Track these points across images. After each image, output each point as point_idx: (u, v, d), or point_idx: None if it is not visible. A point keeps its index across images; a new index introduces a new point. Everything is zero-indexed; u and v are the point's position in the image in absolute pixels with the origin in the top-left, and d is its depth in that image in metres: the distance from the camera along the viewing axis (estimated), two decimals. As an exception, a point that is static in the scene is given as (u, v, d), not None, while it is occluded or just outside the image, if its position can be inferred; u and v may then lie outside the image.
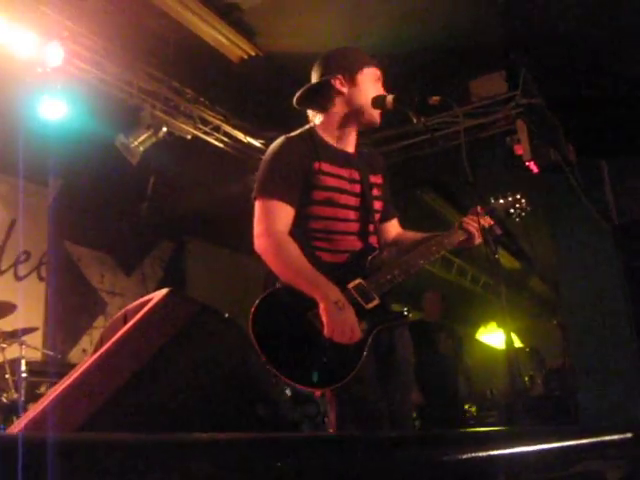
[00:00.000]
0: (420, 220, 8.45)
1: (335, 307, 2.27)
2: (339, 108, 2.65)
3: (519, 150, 5.56)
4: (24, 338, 4.63)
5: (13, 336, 4.41)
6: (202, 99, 5.69)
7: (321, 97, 2.67)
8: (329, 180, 2.55)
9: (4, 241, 6.00)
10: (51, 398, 1.18)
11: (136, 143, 5.29)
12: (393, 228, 2.88)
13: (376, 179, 2.72)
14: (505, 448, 1.10)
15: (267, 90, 5.82)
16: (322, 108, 2.67)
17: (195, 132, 5.67)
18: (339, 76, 2.63)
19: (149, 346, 1.15)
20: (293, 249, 2.41)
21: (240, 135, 6.04)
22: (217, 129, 5.86)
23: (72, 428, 1.10)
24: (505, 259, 9.21)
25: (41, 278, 6.18)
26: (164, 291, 1.23)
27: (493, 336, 11.47)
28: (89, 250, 6.45)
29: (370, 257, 2.53)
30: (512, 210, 2.87)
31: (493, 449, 1.06)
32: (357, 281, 2.42)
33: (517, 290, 11.07)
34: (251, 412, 1.18)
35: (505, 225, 2.58)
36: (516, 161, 5.55)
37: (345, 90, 2.63)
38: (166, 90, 5.40)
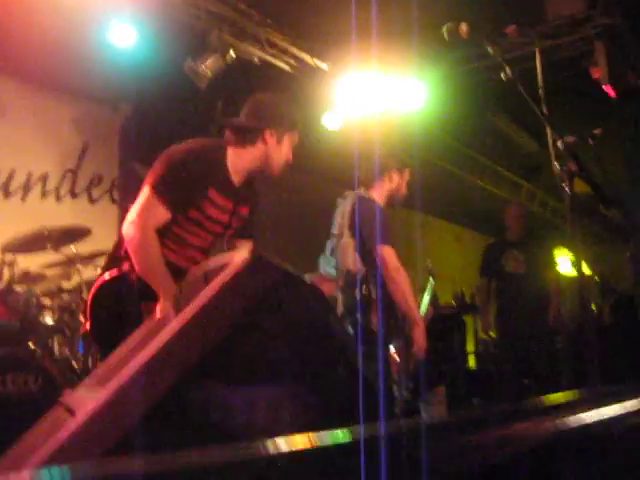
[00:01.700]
0: (493, 146, 8.26)
1: (169, 302, 2.45)
2: (254, 153, 2.82)
3: (596, 73, 5.32)
4: (99, 260, 4.77)
5: (89, 258, 4.52)
6: (269, 21, 5.60)
7: (245, 133, 2.82)
8: (210, 209, 2.74)
9: (77, 165, 6.13)
10: (134, 364, 1.22)
11: (204, 67, 5.26)
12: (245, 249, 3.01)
13: (244, 210, 2.93)
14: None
15: (333, 10, 5.69)
16: (240, 142, 2.82)
17: (262, 55, 5.61)
18: (272, 129, 2.80)
19: (233, 313, 1.18)
20: (155, 248, 2.62)
21: (307, 57, 5.96)
22: (284, 51, 5.79)
23: (158, 396, 1.14)
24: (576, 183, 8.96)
25: (113, 201, 6.34)
26: (245, 254, 1.24)
27: (562, 262, 11.29)
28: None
29: None
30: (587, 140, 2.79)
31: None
32: None
33: (587, 215, 10.78)
34: (333, 372, 1.21)
35: (579, 159, 2.50)
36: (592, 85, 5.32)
37: (271, 144, 2.82)
38: (233, 13, 5.33)
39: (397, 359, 3.47)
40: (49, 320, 4.14)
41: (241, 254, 1.27)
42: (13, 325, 3.90)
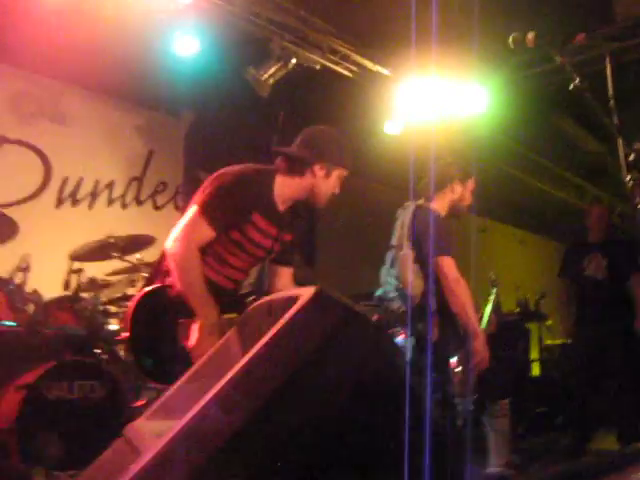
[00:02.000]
0: (557, 149, 8.09)
1: (208, 329, 2.58)
2: (302, 184, 2.88)
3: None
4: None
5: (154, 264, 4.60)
6: (330, 28, 5.60)
7: (295, 164, 2.88)
8: (252, 232, 2.81)
9: (142, 172, 6.26)
10: (198, 406, 1.22)
11: (266, 76, 5.31)
12: (285, 276, 3.12)
13: (287, 236, 2.99)
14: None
15: (393, 15, 5.66)
16: (290, 172, 2.88)
17: (324, 62, 5.62)
18: (322, 163, 2.85)
19: (297, 351, 1.17)
20: (197, 266, 2.69)
21: (369, 63, 5.94)
22: (346, 58, 5.78)
23: (221, 440, 1.14)
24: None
25: (177, 207, 6.44)
26: (312, 290, 1.24)
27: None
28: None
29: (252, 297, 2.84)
30: None
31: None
32: (232, 316, 2.68)
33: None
34: (400, 417, 1.19)
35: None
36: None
37: (319, 177, 2.86)
38: (294, 20, 5.36)
39: (458, 371, 3.42)
40: (115, 327, 4.23)
41: (309, 289, 1.27)
42: (80, 332, 4.00)
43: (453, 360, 3.45)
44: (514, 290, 7.56)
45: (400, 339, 3.67)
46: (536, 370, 7.94)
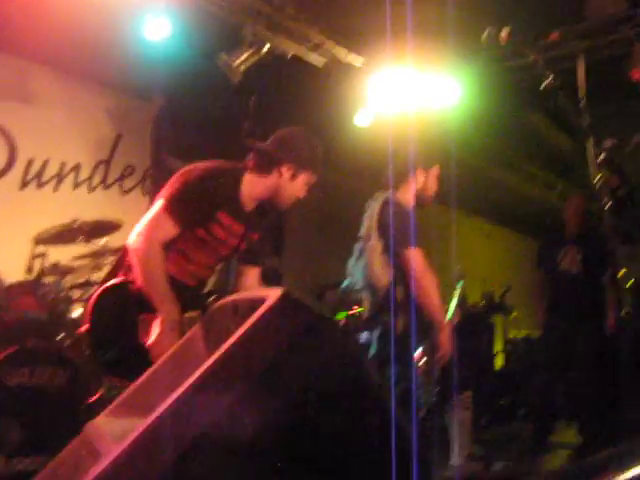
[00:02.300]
0: (528, 144, 8.13)
1: (169, 325, 2.54)
2: (267, 183, 2.87)
3: (636, 75, 5.20)
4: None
5: (119, 251, 4.53)
6: (304, 16, 5.56)
7: (264, 162, 2.87)
8: (217, 230, 2.80)
9: (110, 155, 6.17)
10: (162, 408, 1.20)
11: (238, 62, 5.25)
12: (251, 275, 3.10)
13: (254, 235, 3.00)
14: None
15: (368, 6, 5.64)
16: (258, 170, 2.87)
17: (297, 49, 5.57)
18: (290, 164, 2.83)
19: (263, 354, 1.16)
20: (159, 262, 2.66)
21: (342, 53, 5.90)
22: (319, 46, 5.74)
23: (186, 441, 1.13)
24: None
25: (145, 192, 6.37)
26: (279, 291, 1.22)
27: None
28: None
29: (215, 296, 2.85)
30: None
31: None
32: (193, 314, 2.67)
33: (617, 213, 10.59)
34: (365, 423, 1.19)
35: (622, 171, 2.44)
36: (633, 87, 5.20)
37: (285, 178, 2.85)
38: (267, 7, 5.31)
39: (422, 363, 3.44)
40: (78, 313, 4.17)
41: (276, 291, 1.26)
42: (42, 317, 3.93)
43: (417, 352, 3.47)
44: (480, 283, 7.64)
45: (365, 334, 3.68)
46: (500, 362, 8.04)
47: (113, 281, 2.79)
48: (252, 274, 3.10)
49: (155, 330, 2.57)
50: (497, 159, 8.58)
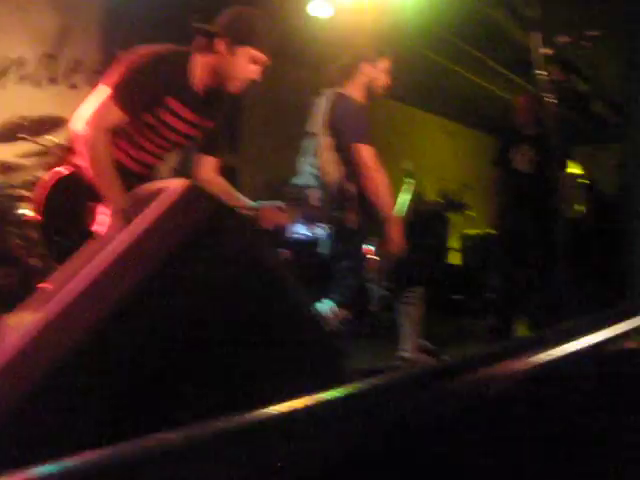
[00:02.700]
0: (488, 40, 7.96)
1: (117, 214, 2.47)
2: (206, 61, 2.75)
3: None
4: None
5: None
6: None
7: (204, 40, 2.74)
8: (166, 115, 2.72)
9: (57, 49, 5.92)
10: (60, 296, 1.17)
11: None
12: (208, 164, 3.06)
13: (208, 123, 2.91)
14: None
15: None
16: (201, 49, 2.74)
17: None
18: (224, 38, 2.70)
19: (164, 247, 1.12)
20: (106, 150, 2.59)
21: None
22: None
23: (80, 335, 1.10)
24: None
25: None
26: (184, 183, 1.18)
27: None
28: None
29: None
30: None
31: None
32: None
33: (579, 112, 10.61)
34: (267, 311, 1.17)
35: (568, 65, 2.40)
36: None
37: (221, 53, 2.72)
38: None
39: (373, 257, 3.46)
40: (27, 212, 4.09)
41: (176, 183, 1.21)
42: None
43: (368, 247, 3.49)
44: (439, 181, 7.66)
45: (319, 229, 3.68)
46: (456, 259, 8.17)
47: (63, 170, 2.76)
48: (208, 164, 3.06)
49: (101, 218, 2.54)
50: (460, 56, 8.43)
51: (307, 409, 0.73)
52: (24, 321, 1.28)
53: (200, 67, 2.75)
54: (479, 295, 6.97)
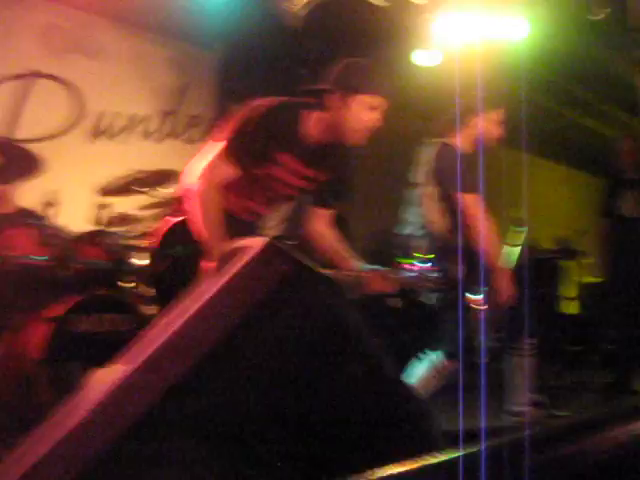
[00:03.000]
0: (603, 84, 7.75)
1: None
2: (318, 117, 2.72)
3: None
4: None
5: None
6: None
7: (318, 95, 2.73)
8: (280, 172, 2.73)
9: (177, 106, 6.23)
10: (139, 361, 1.21)
11: (298, 6, 5.18)
12: (321, 218, 3.00)
13: (322, 176, 2.86)
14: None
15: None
16: (315, 104, 2.73)
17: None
18: (334, 93, 2.67)
19: (240, 305, 1.14)
20: (216, 206, 2.62)
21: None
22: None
23: (158, 391, 1.13)
24: None
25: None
26: (261, 241, 1.19)
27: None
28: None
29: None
30: None
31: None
32: None
33: None
34: (347, 371, 1.16)
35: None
36: None
37: (335, 107, 2.69)
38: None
39: (479, 308, 3.38)
40: (143, 262, 4.27)
41: (255, 241, 1.23)
42: (108, 266, 4.05)
43: (476, 297, 3.41)
44: (554, 228, 7.43)
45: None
46: (574, 309, 7.85)
47: (174, 219, 2.82)
48: (321, 217, 3.01)
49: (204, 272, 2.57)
50: (572, 100, 8.24)
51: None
52: (111, 374, 1.32)
53: (314, 123, 2.73)
54: (597, 347, 6.66)
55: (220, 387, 1.15)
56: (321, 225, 3.01)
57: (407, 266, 5.83)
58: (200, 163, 2.71)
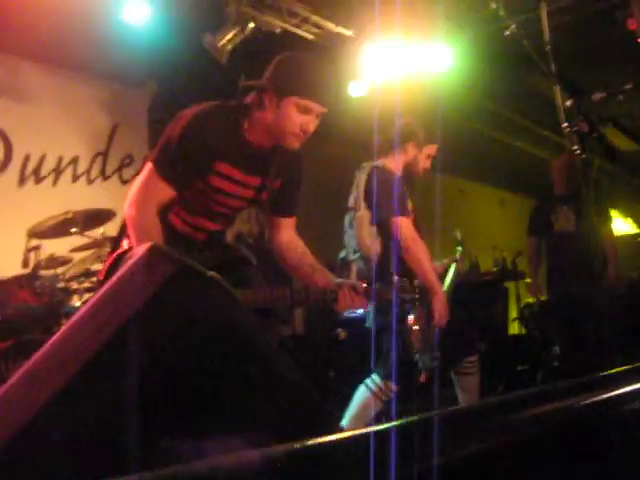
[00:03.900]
0: (531, 106, 7.96)
1: None
2: (256, 118, 2.50)
3: (632, 25, 5.06)
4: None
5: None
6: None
7: (257, 94, 2.50)
8: (222, 183, 2.50)
9: (107, 146, 6.16)
10: (20, 373, 1.18)
11: (224, 41, 5.19)
12: (286, 227, 2.79)
13: (275, 184, 2.64)
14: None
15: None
16: (254, 105, 2.50)
17: (283, 25, 5.49)
18: (268, 92, 2.45)
19: (119, 314, 1.11)
20: (155, 230, 2.36)
21: (331, 25, 5.82)
22: (306, 21, 5.65)
23: (39, 405, 1.11)
24: (620, 140, 8.64)
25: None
26: (145, 246, 1.17)
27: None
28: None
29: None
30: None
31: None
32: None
33: (633, 173, 10.45)
34: (240, 373, 1.13)
35: (592, 119, 2.36)
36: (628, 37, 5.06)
37: (269, 107, 2.45)
38: (250, -17, 5.23)
39: (416, 328, 3.38)
40: (77, 303, 4.17)
41: (140, 248, 1.20)
42: (39, 310, 3.94)
43: (411, 317, 3.42)
44: (493, 250, 7.54)
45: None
46: (515, 329, 7.96)
47: (122, 249, 2.53)
48: (285, 225, 2.77)
49: None
50: (503, 123, 8.45)
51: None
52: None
53: (252, 126, 2.49)
54: (545, 365, 6.74)
55: (102, 395, 1.11)
56: (288, 233, 2.78)
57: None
58: (133, 189, 2.48)
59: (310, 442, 0.77)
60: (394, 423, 0.78)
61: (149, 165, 2.47)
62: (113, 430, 1.08)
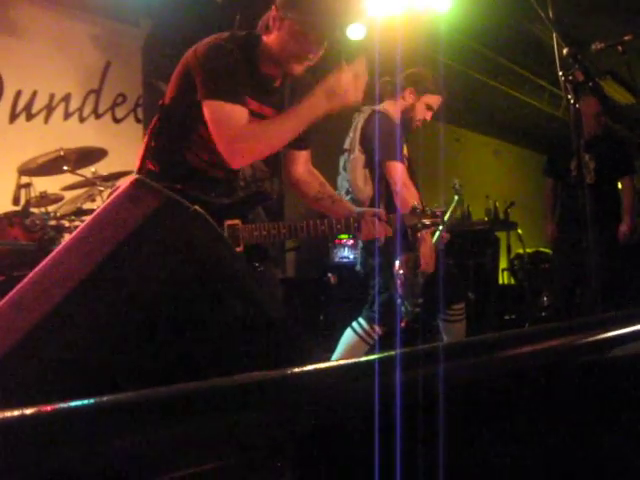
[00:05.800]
0: (531, 56, 7.86)
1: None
2: (268, 41, 2.41)
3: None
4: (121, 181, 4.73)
5: (109, 179, 4.49)
6: None
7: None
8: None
9: (100, 84, 6.07)
10: (5, 301, 1.19)
11: (220, -21, 5.08)
12: (302, 160, 2.74)
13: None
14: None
15: None
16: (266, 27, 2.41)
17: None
18: (278, 13, 2.36)
19: (104, 244, 1.11)
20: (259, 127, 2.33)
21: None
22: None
23: (24, 330, 1.11)
24: (619, 94, 8.57)
25: (138, 120, 6.29)
26: (129, 179, 1.16)
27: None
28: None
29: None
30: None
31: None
32: (235, 221, 2.38)
33: (630, 128, 10.37)
34: (225, 310, 1.14)
35: (588, 68, 2.33)
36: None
37: (281, 31, 2.35)
38: None
39: (401, 273, 3.38)
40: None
41: (125, 181, 1.21)
42: (30, 247, 3.93)
43: (397, 263, 3.42)
44: (484, 199, 7.54)
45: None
46: (506, 279, 8.02)
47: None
48: (302, 158, 2.73)
49: None
50: (502, 73, 8.35)
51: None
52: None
53: (262, 53, 2.43)
54: (531, 315, 6.82)
55: (86, 323, 1.12)
56: (303, 168, 2.74)
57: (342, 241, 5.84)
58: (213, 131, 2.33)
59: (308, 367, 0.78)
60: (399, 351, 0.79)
61: (211, 103, 2.32)
62: (96, 354, 1.09)
